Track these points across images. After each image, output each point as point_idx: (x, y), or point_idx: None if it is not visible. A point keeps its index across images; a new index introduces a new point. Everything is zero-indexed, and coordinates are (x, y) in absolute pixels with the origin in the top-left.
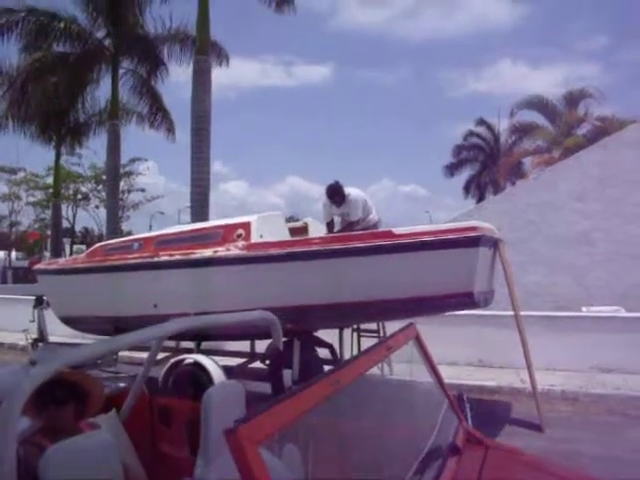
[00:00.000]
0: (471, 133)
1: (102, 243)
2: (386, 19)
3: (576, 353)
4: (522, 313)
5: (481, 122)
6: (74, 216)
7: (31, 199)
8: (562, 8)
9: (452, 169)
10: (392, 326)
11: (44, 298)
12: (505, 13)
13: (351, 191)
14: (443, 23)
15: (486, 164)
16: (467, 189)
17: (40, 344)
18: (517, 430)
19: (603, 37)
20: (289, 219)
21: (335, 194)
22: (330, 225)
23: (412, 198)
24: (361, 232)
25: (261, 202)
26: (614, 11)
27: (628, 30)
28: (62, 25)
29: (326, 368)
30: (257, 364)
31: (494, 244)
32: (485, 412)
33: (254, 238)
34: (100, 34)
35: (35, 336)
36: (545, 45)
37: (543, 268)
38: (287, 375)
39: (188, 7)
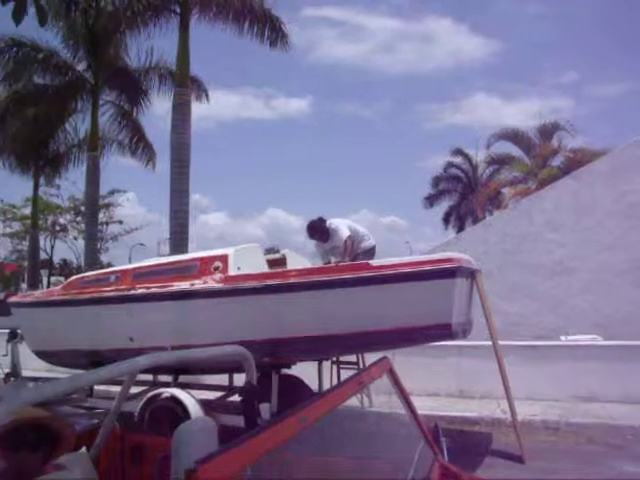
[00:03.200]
0: (450, 164)
1: (78, 275)
2: (363, 53)
3: (556, 382)
4: (501, 342)
5: (458, 152)
6: (52, 247)
7: (8, 230)
8: (533, 44)
9: (431, 200)
10: (372, 357)
11: (18, 331)
12: (478, 49)
13: (333, 222)
14: (419, 57)
15: (465, 195)
16: (447, 220)
17: (12, 379)
18: (498, 461)
19: (573, 72)
20: (269, 250)
21: (315, 232)
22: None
23: (392, 229)
24: (339, 264)
25: (241, 233)
26: (583, 48)
27: (597, 66)
28: (42, 57)
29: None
30: (236, 397)
31: (471, 275)
32: (465, 443)
33: (231, 270)
34: (81, 66)
35: (8, 370)
36: (518, 79)
37: (521, 297)
38: (266, 408)
39: (168, 41)
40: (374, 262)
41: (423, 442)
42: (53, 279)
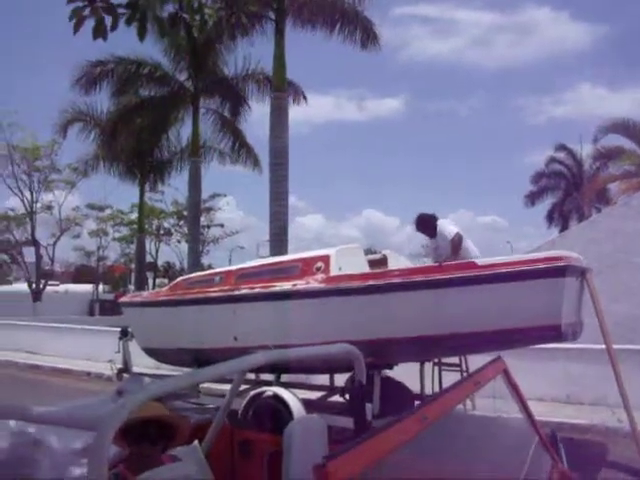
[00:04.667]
0: (552, 159)
1: (184, 277)
2: (457, 49)
3: None
4: (614, 346)
5: (561, 147)
6: (157, 251)
7: (117, 235)
8: None
9: (533, 198)
10: (474, 360)
11: (129, 330)
12: (580, 36)
13: (443, 222)
14: (516, 49)
15: (568, 191)
16: (550, 218)
17: (125, 374)
18: (616, 475)
19: None
20: (366, 251)
21: (421, 225)
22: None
23: (491, 228)
24: (443, 264)
25: (337, 235)
26: None
27: None
28: (147, 71)
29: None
30: (336, 397)
31: (581, 274)
32: (579, 453)
33: (333, 271)
34: (182, 77)
35: (120, 366)
36: (627, 65)
37: (633, 298)
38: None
39: (264, 46)
40: (481, 261)
41: (540, 447)
42: (158, 281)
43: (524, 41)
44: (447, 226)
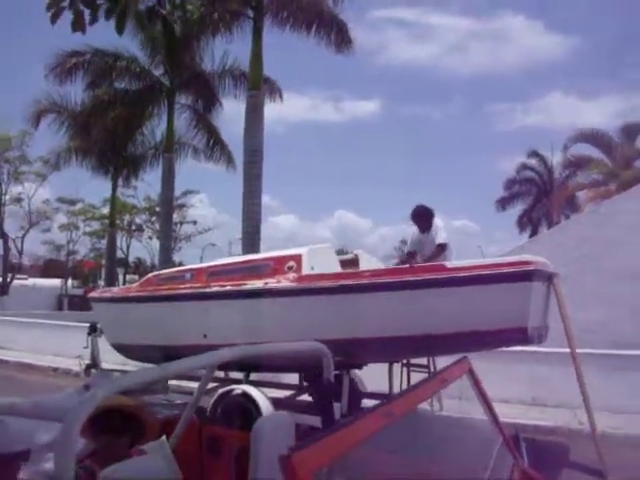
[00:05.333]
0: (524, 166)
1: (155, 273)
2: (434, 54)
3: (636, 394)
4: (578, 350)
5: (533, 154)
6: (128, 246)
7: (88, 229)
8: (613, 38)
9: (504, 203)
10: (443, 361)
11: (98, 325)
12: (554, 46)
13: (439, 222)
14: (491, 56)
15: (539, 198)
16: (520, 223)
17: (93, 370)
18: (576, 475)
19: None
20: (339, 252)
21: (420, 217)
22: (411, 255)
23: (463, 232)
24: (414, 265)
25: (310, 235)
26: None
27: None
28: (124, 64)
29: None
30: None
31: (549, 278)
32: (540, 453)
33: (305, 270)
34: (158, 71)
35: (88, 362)
36: (597, 77)
37: (599, 304)
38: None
39: (243, 44)
40: (450, 264)
41: (503, 446)
42: (128, 277)
43: (499, 48)
44: (441, 231)
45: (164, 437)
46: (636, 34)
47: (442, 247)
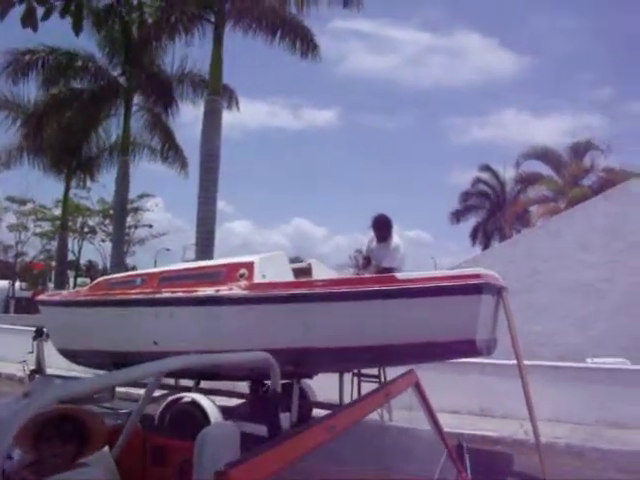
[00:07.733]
0: (478, 180)
1: (105, 277)
2: (392, 66)
3: (581, 405)
4: (525, 362)
5: (486, 168)
6: (80, 249)
7: (38, 230)
8: (565, 59)
9: (458, 215)
10: (394, 371)
11: (44, 330)
12: (508, 64)
13: (397, 239)
14: (448, 72)
15: (492, 211)
16: (474, 236)
17: (37, 376)
18: None
19: (609, 88)
20: (294, 260)
21: (381, 227)
22: (366, 261)
23: (416, 243)
24: (365, 276)
25: (265, 242)
26: (619, 63)
27: (634, 82)
28: (80, 63)
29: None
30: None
31: (498, 292)
32: (486, 463)
33: (257, 278)
34: (115, 72)
35: (33, 368)
36: (549, 96)
37: (546, 317)
38: (286, 418)
39: (202, 48)
40: (400, 275)
41: (447, 458)
42: (79, 280)
43: (456, 64)
44: (399, 246)
45: (107, 448)
46: (587, 54)
47: (388, 271)
